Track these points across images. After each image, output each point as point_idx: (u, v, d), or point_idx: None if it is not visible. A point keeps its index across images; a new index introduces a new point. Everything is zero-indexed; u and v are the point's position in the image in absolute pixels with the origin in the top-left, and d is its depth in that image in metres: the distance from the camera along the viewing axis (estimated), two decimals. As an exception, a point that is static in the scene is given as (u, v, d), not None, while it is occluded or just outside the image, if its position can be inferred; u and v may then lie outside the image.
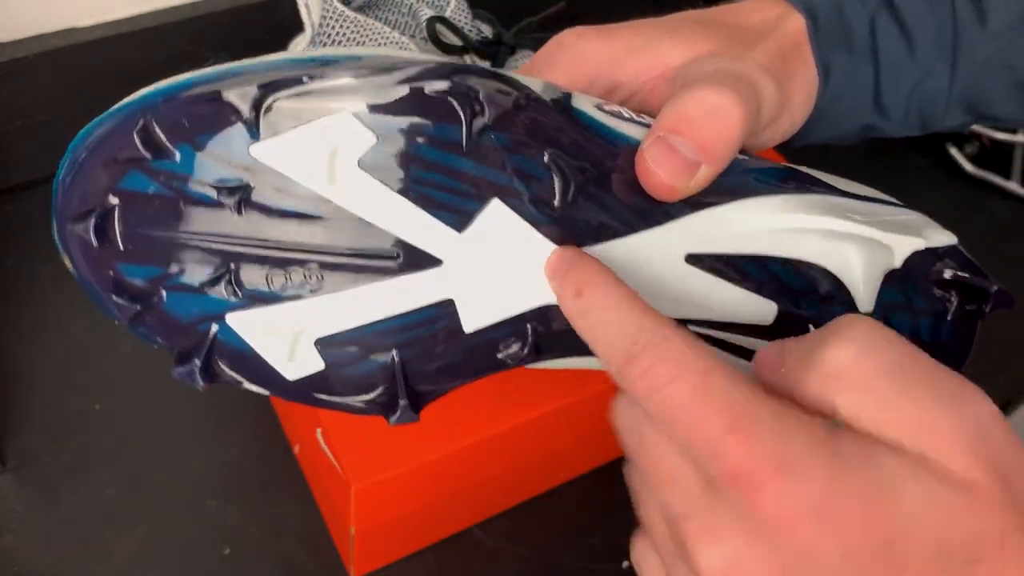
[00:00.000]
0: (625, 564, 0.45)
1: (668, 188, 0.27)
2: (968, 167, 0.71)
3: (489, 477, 0.43)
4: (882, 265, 0.29)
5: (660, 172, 0.26)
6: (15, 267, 0.55)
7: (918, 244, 0.29)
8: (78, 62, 0.57)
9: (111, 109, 0.25)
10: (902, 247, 0.29)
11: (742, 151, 0.31)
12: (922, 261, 0.30)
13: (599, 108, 0.28)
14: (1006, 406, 0.78)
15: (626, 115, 0.29)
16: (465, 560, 0.45)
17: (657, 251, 0.28)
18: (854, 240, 0.29)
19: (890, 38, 0.33)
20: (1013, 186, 0.70)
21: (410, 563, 0.45)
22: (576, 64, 0.31)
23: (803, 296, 0.29)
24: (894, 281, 0.30)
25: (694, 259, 0.28)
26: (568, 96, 0.28)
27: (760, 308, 0.29)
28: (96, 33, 0.58)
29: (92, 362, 0.51)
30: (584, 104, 0.28)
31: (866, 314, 0.30)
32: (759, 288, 0.29)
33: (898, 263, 0.29)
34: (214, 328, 0.26)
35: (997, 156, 0.71)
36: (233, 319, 0.26)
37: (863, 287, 0.29)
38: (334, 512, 0.43)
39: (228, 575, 0.43)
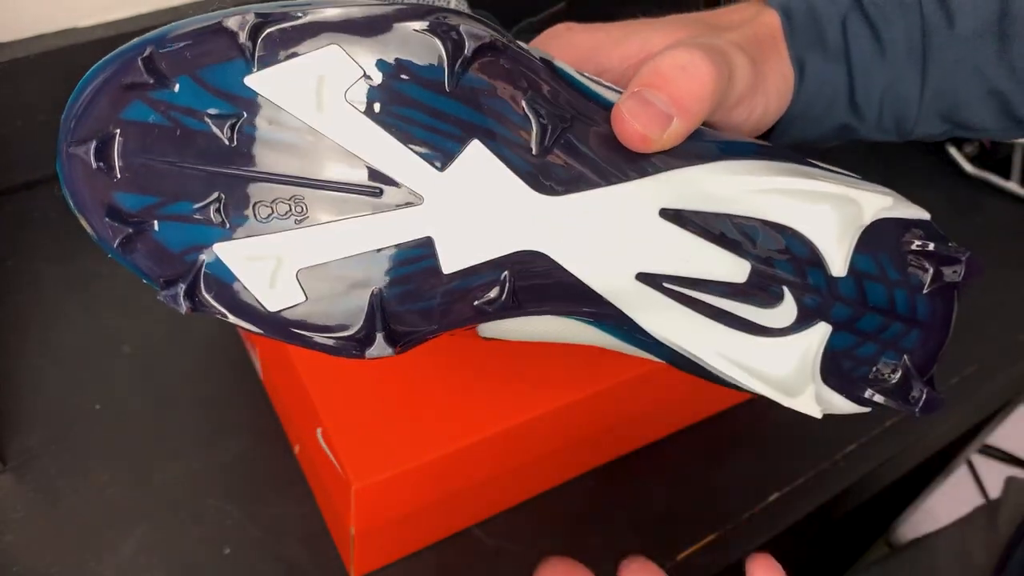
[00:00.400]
0: (625, 564, 0.45)
1: (642, 137, 0.28)
2: (968, 167, 0.71)
3: (489, 477, 0.43)
4: (852, 223, 0.30)
5: (635, 122, 0.28)
6: (15, 267, 0.55)
7: (886, 202, 0.30)
8: (78, 62, 0.57)
9: (122, 46, 0.26)
10: (871, 203, 0.30)
11: (718, 129, 0.31)
12: (893, 229, 0.31)
13: (580, 73, 0.30)
14: (1006, 406, 0.78)
15: (606, 84, 0.30)
16: (465, 560, 0.45)
17: (631, 204, 0.29)
18: (823, 198, 0.30)
19: (861, 39, 0.34)
20: (1012, 186, 0.70)
21: (410, 563, 0.45)
22: (565, 51, 0.33)
23: (775, 257, 0.30)
24: (866, 246, 0.30)
25: (668, 214, 0.29)
26: (551, 57, 0.29)
27: (732, 266, 0.30)
28: (96, 33, 0.58)
29: (92, 362, 0.51)
30: (566, 67, 0.29)
31: (837, 278, 0.30)
32: (731, 246, 0.30)
33: (867, 220, 0.30)
34: (202, 258, 0.27)
35: (996, 156, 0.71)
36: (220, 248, 0.27)
37: (835, 248, 0.30)
38: (334, 512, 0.43)
39: (228, 575, 0.43)
